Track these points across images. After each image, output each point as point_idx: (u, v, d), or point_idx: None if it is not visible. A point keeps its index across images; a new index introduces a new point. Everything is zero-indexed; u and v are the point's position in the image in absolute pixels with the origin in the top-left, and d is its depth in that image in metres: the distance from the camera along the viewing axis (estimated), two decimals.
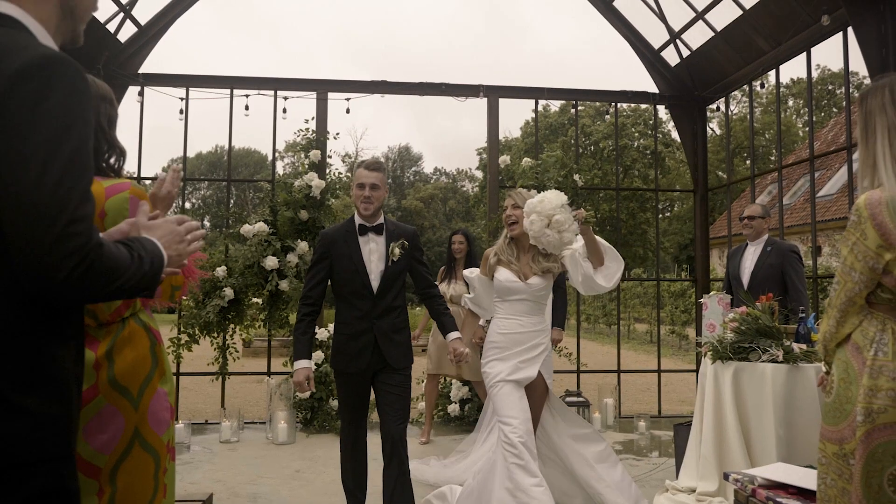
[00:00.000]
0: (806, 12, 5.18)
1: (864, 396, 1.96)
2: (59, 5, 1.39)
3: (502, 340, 3.57)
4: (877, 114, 2.05)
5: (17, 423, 1.16)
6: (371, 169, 3.38)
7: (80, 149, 1.17)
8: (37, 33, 1.30)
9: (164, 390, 2.02)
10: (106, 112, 2.05)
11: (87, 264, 1.14)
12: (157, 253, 1.37)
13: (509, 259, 3.62)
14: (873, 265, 1.96)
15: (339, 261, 3.35)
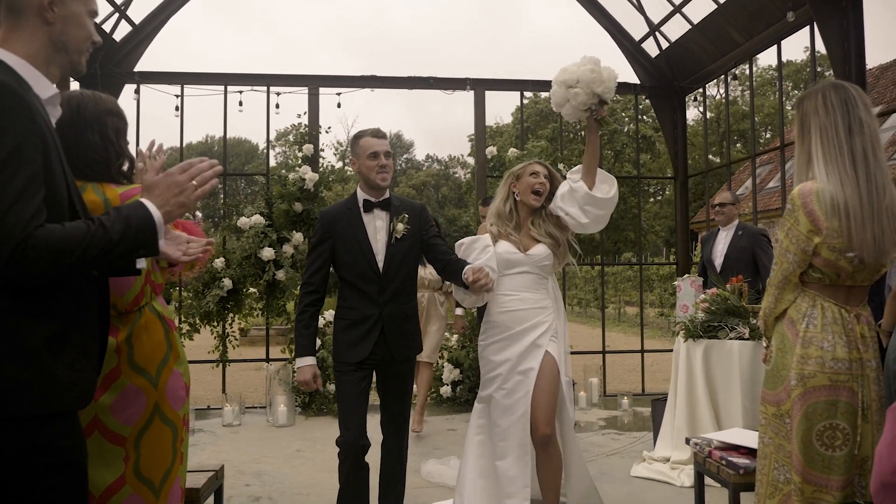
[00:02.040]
0: (775, 6, 5.43)
1: (796, 363, 2.24)
2: (48, 42, 1.57)
3: (504, 319, 3.19)
4: (811, 116, 2.30)
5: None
6: (380, 136, 3.09)
7: (7, 161, 1.35)
8: (19, 69, 1.50)
9: (179, 371, 2.29)
10: (114, 125, 2.26)
11: (22, 249, 1.33)
12: (140, 215, 1.51)
13: (508, 231, 3.26)
14: (804, 247, 2.23)
15: (343, 241, 3.05)
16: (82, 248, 1.40)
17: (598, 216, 3.24)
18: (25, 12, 1.53)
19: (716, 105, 28.46)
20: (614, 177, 3.32)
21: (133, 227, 1.48)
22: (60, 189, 1.49)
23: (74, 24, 1.59)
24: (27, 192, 1.36)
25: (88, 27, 1.64)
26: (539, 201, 3.25)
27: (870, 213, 2.16)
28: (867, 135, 2.20)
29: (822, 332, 2.23)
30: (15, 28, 1.54)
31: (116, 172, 2.25)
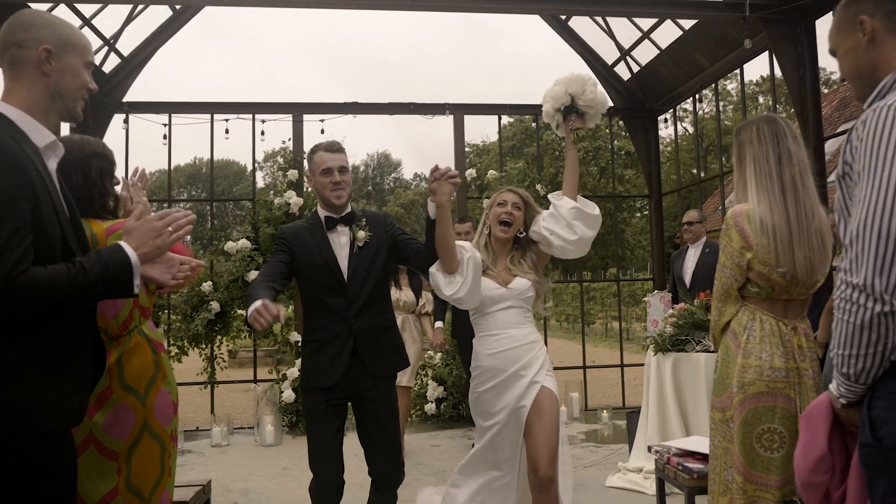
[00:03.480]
0: (736, 32, 5.72)
1: (738, 372, 2.45)
2: (46, 91, 1.74)
3: (494, 362, 2.92)
4: (747, 146, 2.54)
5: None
6: (334, 150, 2.89)
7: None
8: (17, 120, 1.69)
9: (166, 390, 2.47)
10: (98, 166, 2.46)
11: (6, 292, 1.51)
12: (118, 258, 1.69)
13: (487, 265, 3.02)
14: (738, 262, 2.45)
15: (305, 254, 2.84)
16: (63, 290, 1.59)
17: (585, 235, 3.01)
18: (25, 66, 1.71)
19: (699, 119, 29.12)
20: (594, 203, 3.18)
21: (111, 269, 1.67)
22: (52, 232, 1.65)
23: (70, 74, 1.76)
24: (13, 242, 1.53)
25: (84, 77, 1.80)
26: (506, 233, 3.01)
27: (798, 235, 2.39)
28: (795, 165, 2.45)
29: (761, 344, 2.44)
30: (16, 80, 1.72)
31: (101, 209, 2.44)
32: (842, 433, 1.76)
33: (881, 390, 1.53)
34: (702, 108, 30.84)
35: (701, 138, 29.66)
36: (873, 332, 1.48)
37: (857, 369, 1.54)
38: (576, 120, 3.14)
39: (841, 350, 1.55)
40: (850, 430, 1.72)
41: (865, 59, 1.69)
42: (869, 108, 1.56)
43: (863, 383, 1.55)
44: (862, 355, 1.51)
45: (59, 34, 1.75)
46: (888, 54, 1.65)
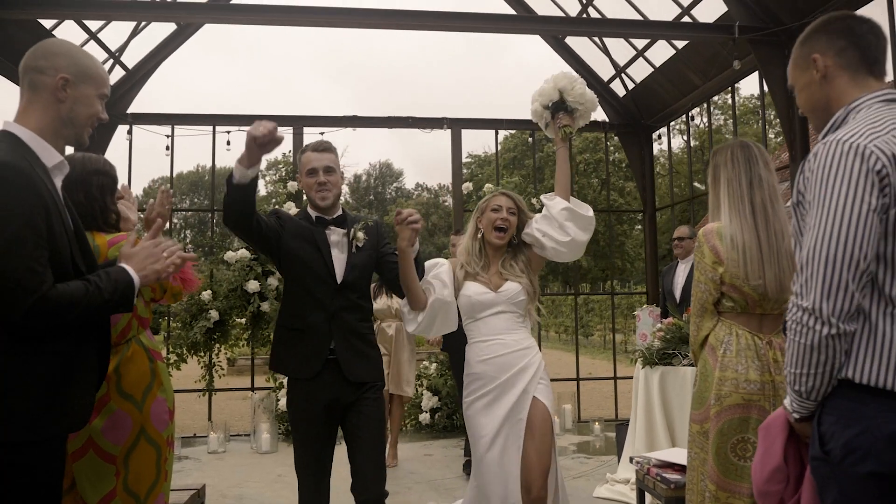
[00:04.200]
0: (727, 52, 5.85)
1: (715, 385, 2.56)
2: (58, 117, 1.85)
3: (486, 369, 2.84)
4: (721, 168, 2.68)
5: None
6: (321, 150, 2.86)
7: (19, 232, 1.64)
8: (29, 141, 1.80)
9: (162, 397, 2.58)
10: (98, 183, 2.58)
11: (38, 307, 1.62)
12: (123, 279, 1.84)
13: (476, 270, 2.96)
14: (712, 276, 2.58)
15: (295, 238, 2.79)
16: (82, 306, 1.72)
17: (578, 237, 2.93)
18: (42, 91, 1.83)
19: (699, 133, 29.32)
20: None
21: (119, 289, 1.81)
22: (63, 248, 1.77)
23: (83, 104, 1.86)
24: (36, 259, 1.66)
25: (96, 107, 1.91)
26: (501, 239, 2.94)
27: (769, 255, 2.52)
28: (766, 189, 2.58)
29: (737, 357, 2.55)
30: (32, 102, 1.84)
31: (103, 223, 2.57)
32: (797, 445, 1.86)
33: (829, 407, 1.64)
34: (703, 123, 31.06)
35: (702, 152, 29.87)
36: (822, 353, 1.59)
37: (808, 387, 1.64)
38: (564, 117, 3.08)
39: (793, 369, 1.66)
40: (805, 442, 1.83)
41: (820, 95, 1.80)
42: (821, 142, 1.68)
43: (813, 400, 1.66)
44: (812, 374, 1.62)
45: (79, 65, 1.85)
46: (840, 90, 1.77)
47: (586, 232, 2.96)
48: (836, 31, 1.79)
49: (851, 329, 1.56)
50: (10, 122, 1.81)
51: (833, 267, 1.54)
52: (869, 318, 1.58)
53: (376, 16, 5.72)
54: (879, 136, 1.58)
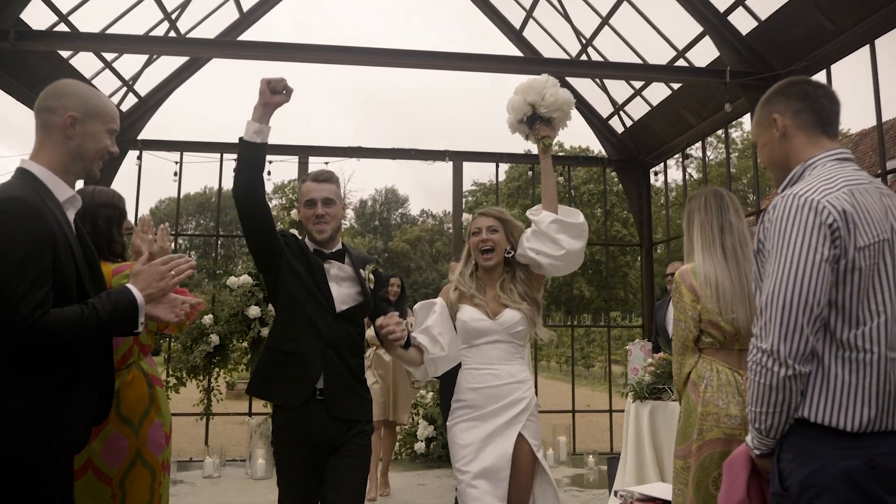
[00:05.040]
0: (719, 94, 6.03)
1: (698, 420, 2.67)
2: (68, 152, 1.98)
3: (474, 398, 2.76)
4: (695, 213, 2.84)
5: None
6: (321, 180, 2.75)
7: (22, 260, 1.76)
8: (42, 177, 1.93)
9: (159, 422, 2.69)
10: (105, 215, 2.72)
11: (31, 331, 1.73)
12: (125, 299, 1.91)
13: (472, 293, 2.85)
14: (692, 314, 2.71)
15: (296, 259, 2.69)
16: (78, 329, 1.81)
17: (573, 247, 2.82)
18: (53, 130, 1.97)
19: (702, 167, 29.61)
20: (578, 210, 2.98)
21: (119, 309, 1.90)
22: (69, 277, 1.89)
23: (92, 139, 2.00)
24: (35, 287, 1.77)
25: (104, 141, 2.04)
26: (490, 259, 2.84)
27: (740, 294, 2.65)
28: (735, 235, 2.74)
29: (718, 392, 2.66)
30: (44, 141, 1.98)
31: (109, 253, 2.70)
32: (759, 480, 1.96)
33: (787, 445, 1.75)
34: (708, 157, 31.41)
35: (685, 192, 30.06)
36: (780, 393, 1.70)
37: (767, 425, 1.75)
38: (541, 128, 2.97)
39: (754, 407, 1.77)
40: (766, 477, 1.92)
41: (780, 152, 1.95)
42: (779, 195, 1.81)
43: (773, 437, 1.77)
44: (771, 413, 1.73)
45: (87, 103, 1.99)
46: (798, 148, 1.92)
47: (580, 239, 2.86)
48: (794, 95, 1.94)
49: (806, 370, 1.68)
50: (25, 160, 1.96)
51: (789, 312, 1.67)
52: (822, 361, 1.70)
53: (389, 55, 5.89)
54: (832, 192, 1.72)
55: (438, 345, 2.79)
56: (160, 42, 6.31)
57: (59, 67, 6.30)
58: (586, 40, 7.40)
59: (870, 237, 1.69)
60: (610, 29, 7.09)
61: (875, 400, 1.65)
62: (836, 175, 1.78)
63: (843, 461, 1.64)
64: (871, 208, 1.73)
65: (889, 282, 1.70)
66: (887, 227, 1.73)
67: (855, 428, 1.64)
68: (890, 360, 1.67)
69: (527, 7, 7.81)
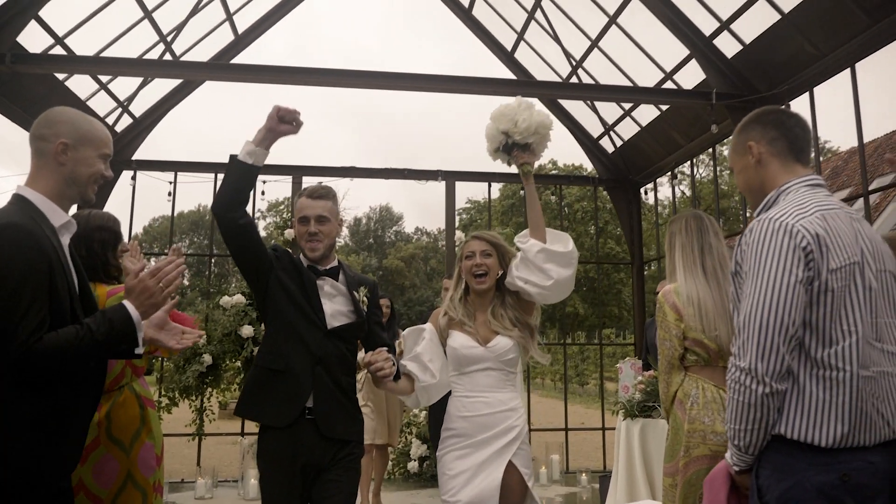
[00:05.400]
0: (706, 115, 6.14)
1: (685, 437, 2.72)
2: (62, 178, 2.02)
3: (464, 427, 2.72)
4: (676, 235, 2.92)
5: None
6: (315, 197, 2.70)
7: (19, 285, 1.80)
8: (38, 203, 1.97)
9: (150, 444, 2.72)
10: (100, 238, 2.77)
11: (27, 354, 1.77)
12: (120, 317, 1.92)
13: (462, 319, 2.82)
14: (676, 333, 2.78)
15: (286, 274, 2.65)
16: (73, 350, 1.84)
17: (561, 276, 2.77)
18: (46, 157, 2.02)
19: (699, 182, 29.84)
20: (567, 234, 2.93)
21: (116, 327, 1.92)
22: (63, 301, 1.93)
23: (84, 164, 2.04)
24: (31, 312, 1.81)
25: (97, 166, 2.07)
26: (484, 283, 2.81)
27: (721, 312, 2.73)
28: (715, 256, 2.83)
29: (704, 410, 2.72)
30: (39, 168, 2.03)
31: (104, 275, 2.75)
32: (738, 496, 2.00)
33: (765, 461, 1.80)
34: (699, 174, 31.67)
35: (698, 201, 30.37)
36: (758, 411, 1.75)
37: (746, 442, 1.80)
38: (519, 154, 2.92)
39: (733, 424, 1.82)
40: (745, 493, 1.97)
41: (755, 178, 2.03)
42: (756, 219, 1.88)
43: (751, 454, 1.82)
44: (749, 430, 1.78)
45: (78, 129, 2.04)
46: (773, 174, 1.99)
47: (569, 267, 2.81)
48: (768, 123, 2.03)
49: (783, 388, 1.74)
50: (21, 186, 2.01)
51: (766, 331, 1.73)
52: (797, 379, 1.76)
53: (383, 78, 5.98)
54: (805, 217, 1.79)
55: (429, 372, 2.75)
56: (155, 65, 6.39)
57: (55, 89, 6.37)
58: (576, 62, 7.54)
59: (841, 260, 1.76)
60: (599, 51, 7.22)
61: (848, 416, 1.71)
62: (809, 200, 1.85)
63: (818, 476, 1.70)
64: (842, 232, 1.80)
65: (859, 302, 1.76)
66: (857, 251, 1.80)
67: (829, 443, 1.70)
68: (862, 377, 1.73)
69: (518, 29, 7.95)
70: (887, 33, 4.71)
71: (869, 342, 1.76)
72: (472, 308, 2.87)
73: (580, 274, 28.71)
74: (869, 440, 1.71)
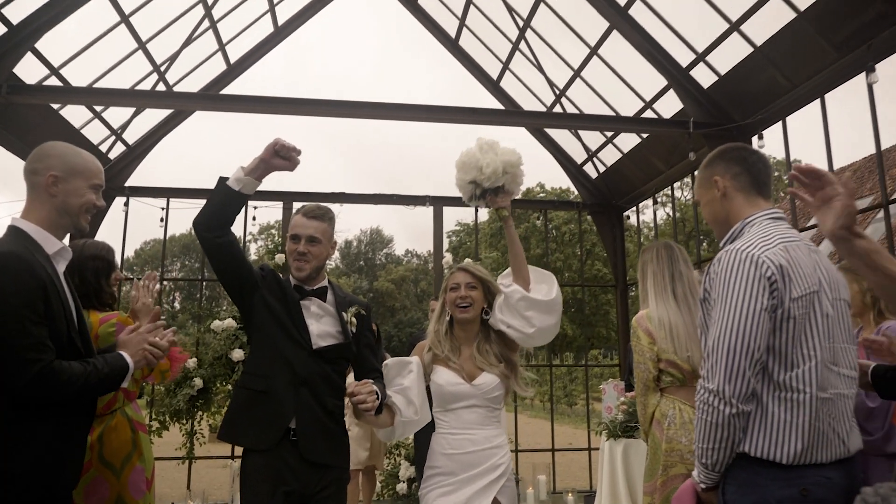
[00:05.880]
0: (685, 142, 6.29)
1: (663, 457, 2.80)
2: (54, 209, 2.11)
3: (449, 465, 2.63)
4: (648, 264, 3.05)
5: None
6: (310, 216, 2.64)
7: (18, 310, 1.87)
8: (32, 233, 2.06)
9: (141, 467, 2.76)
10: (93, 267, 2.85)
11: (38, 379, 1.84)
12: (119, 364, 2.06)
13: (447, 355, 2.74)
14: (650, 356, 2.89)
15: (272, 294, 2.58)
16: (80, 383, 1.94)
17: (544, 325, 2.72)
18: (38, 189, 2.11)
19: (680, 206, 30.17)
20: (551, 273, 2.88)
21: (115, 372, 2.05)
22: (60, 326, 2.00)
23: (74, 195, 2.12)
24: (41, 337, 1.89)
25: (87, 197, 2.15)
26: (468, 312, 2.75)
27: (693, 336, 2.84)
28: (685, 283, 2.95)
29: (681, 430, 2.81)
30: (32, 200, 2.12)
31: (97, 302, 2.81)
32: None
33: (730, 478, 1.88)
34: (685, 196, 32.05)
35: (683, 223, 30.66)
36: (725, 430, 1.84)
37: (713, 460, 1.88)
38: (493, 199, 2.85)
39: (701, 444, 1.90)
40: None
41: (721, 210, 2.13)
42: (723, 249, 1.98)
43: (717, 472, 1.90)
44: (716, 448, 1.86)
45: (66, 162, 2.13)
46: (737, 207, 2.10)
47: (552, 315, 2.75)
48: (732, 159, 2.14)
49: (748, 409, 1.83)
50: (16, 218, 2.10)
51: (733, 355, 1.82)
52: (761, 400, 1.85)
53: (373, 108, 6.07)
54: (770, 248, 1.89)
55: (413, 407, 2.66)
56: (147, 96, 6.48)
57: (49, 118, 6.43)
58: (560, 91, 7.71)
59: (802, 289, 1.86)
60: (582, 81, 7.40)
61: (806, 435, 1.79)
62: (772, 233, 1.96)
63: (780, 490, 1.78)
64: (802, 263, 1.90)
65: (818, 329, 1.86)
66: (816, 280, 1.90)
67: (789, 460, 1.79)
68: (820, 399, 1.82)
69: (503, 59, 8.13)
70: (854, 66, 4.89)
71: (827, 366, 1.85)
72: (457, 343, 2.79)
73: (568, 295, 28.87)
74: (826, 457, 1.80)
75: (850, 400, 1.90)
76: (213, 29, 7.20)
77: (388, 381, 2.69)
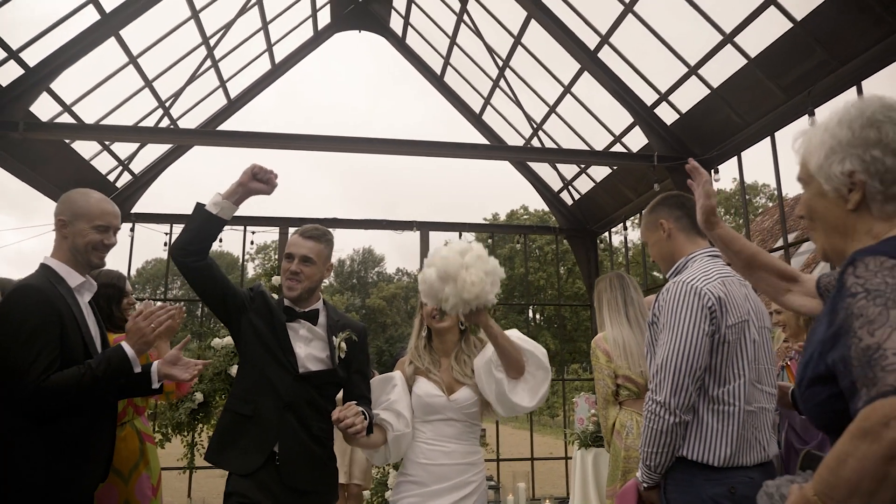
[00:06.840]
0: (652, 173, 6.54)
1: (622, 463, 2.98)
2: (68, 248, 2.30)
3: (421, 475, 2.52)
4: (603, 292, 3.27)
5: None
6: (306, 237, 2.51)
7: (32, 334, 2.03)
8: (56, 268, 2.25)
9: (147, 475, 2.90)
10: (105, 294, 3.00)
11: (37, 393, 2.00)
12: (117, 354, 2.14)
13: (427, 367, 2.64)
14: (608, 373, 3.11)
15: (259, 317, 2.45)
16: (76, 385, 2.07)
17: (515, 412, 2.59)
18: (57, 231, 2.33)
19: None
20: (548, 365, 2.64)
21: (113, 363, 2.15)
22: (76, 348, 2.17)
23: (80, 236, 2.30)
24: (42, 355, 2.05)
25: (90, 236, 2.30)
26: (445, 322, 2.61)
27: (645, 353, 3.02)
28: (637, 307, 3.19)
29: (638, 438, 2.99)
30: (56, 241, 2.34)
31: (110, 325, 2.97)
32: None
33: (671, 479, 2.07)
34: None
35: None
36: (668, 437, 2.03)
37: (656, 463, 2.07)
38: (469, 316, 2.49)
39: (646, 448, 2.09)
40: None
41: (666, 248, 2.34)
42: (671, 281, 2.18)
43: (658, 473, 2.09)
44: (659, 452, 2.05)
45: (71, 207, 2.32)
46: (680, 245, 2.31)
47: (531, 405, 2.58)
48: (674, 205, 2.37)
49: (688, 419, 2.02)
50: (46, 257, 2.32)
51: (679, 373, 2.01)
52: (697, 412, 2.04)
53: (364, 143, 6.26)
54: (711, 282, 2.11)
55: (403, 420, 2.55)
56: (151, 132, 6.66)
57: (62, 151, 6.58)
58: (537, 125, 7.97)
59: (735, 317, 2.07)
60: (557, 116, 7.67)
61: (734, 442, 2.00)
62: (711, 268, 2.18)
63: (712, 489, 1.99)
64: (736, 295, 2.11)
65: (747, 352, 2.07)
66: (746, 310, 2.11)
67: (719, 463, 1.99)
68: (746, 411, 2.02)
69: (484, 95, 8.39)
70: (798, 109, 5.16)
71: (753, 383, 2.06)
72: (436, 355, 2.70)
73: (551, 312, 29.10)
74: (750, 461, 2.01)
75: (771, 413, 2.12)
76: (214, 67, 7.41)
77: (374, 400, 2.61)
